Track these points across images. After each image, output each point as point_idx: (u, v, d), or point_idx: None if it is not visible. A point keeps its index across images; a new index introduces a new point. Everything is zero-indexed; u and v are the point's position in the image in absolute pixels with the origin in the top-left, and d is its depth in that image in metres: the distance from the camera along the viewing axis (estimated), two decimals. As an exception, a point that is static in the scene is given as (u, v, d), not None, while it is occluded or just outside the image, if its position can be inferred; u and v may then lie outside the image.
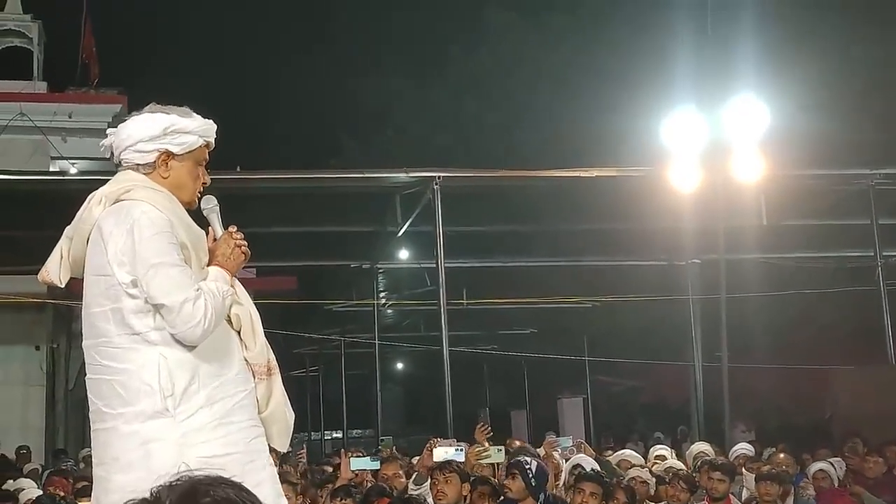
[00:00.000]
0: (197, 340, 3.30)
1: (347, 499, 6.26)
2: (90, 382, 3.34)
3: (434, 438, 7.97)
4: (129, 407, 3.21)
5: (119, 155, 3.50)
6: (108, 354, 3.27)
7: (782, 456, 8.84)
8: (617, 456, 9.55)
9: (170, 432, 3.19)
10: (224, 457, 3.23)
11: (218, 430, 3.27)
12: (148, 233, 3.26)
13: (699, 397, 13.71)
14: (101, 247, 3.31)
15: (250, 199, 10.74)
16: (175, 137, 3.48)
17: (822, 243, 13.39)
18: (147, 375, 3.22)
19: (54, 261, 3.46)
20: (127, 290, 3.25)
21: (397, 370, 29.82)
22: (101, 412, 3.27)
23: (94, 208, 3.38)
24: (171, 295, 3.23)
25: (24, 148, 15.92)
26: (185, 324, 3.24)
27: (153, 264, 3.24)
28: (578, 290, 15.79)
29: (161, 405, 3.19)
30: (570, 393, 22.45)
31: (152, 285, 3.23)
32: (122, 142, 3.49)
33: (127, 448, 3.18)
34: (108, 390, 3.26)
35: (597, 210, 11.65)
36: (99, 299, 3.31)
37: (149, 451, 3.15)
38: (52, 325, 15.81)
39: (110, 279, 3.27)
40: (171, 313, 3.23)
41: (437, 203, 9.94)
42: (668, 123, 10.44)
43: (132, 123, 3.51)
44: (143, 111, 3.54)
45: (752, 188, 10.50)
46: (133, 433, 3.18)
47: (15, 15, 18.50)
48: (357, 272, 14.56)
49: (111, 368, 3.26)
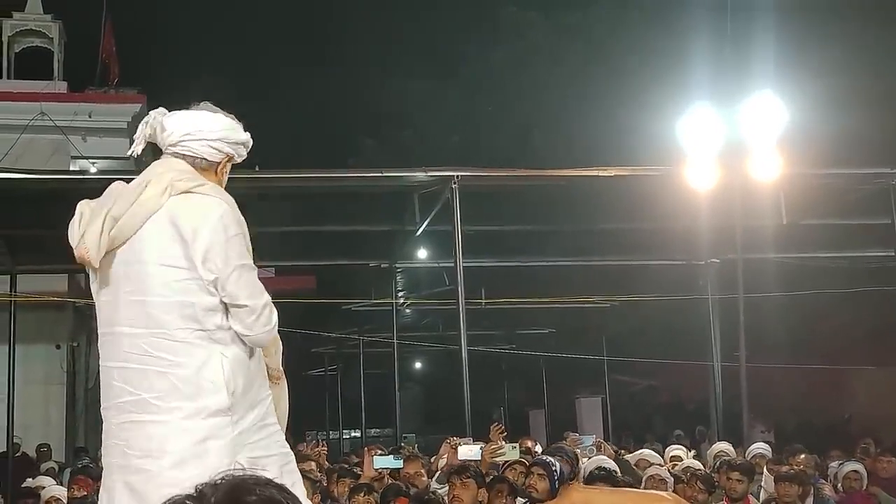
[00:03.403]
0: (264, 344, 3.40)
1: (368, 496, 6.28)
2: (127, 372, 3.24)
3: (451, 438, 7.98)
4: (188, 402, 3.17)
5: (176, 140, 3.41)
6: (164, 346, 3.20)
7: (802, 456, 8.81)
8: (635, 456, 9.55)
9: (227, 431, 3.20)
10: (267, 458, 3.29)
11: (261, 432, 3.32)
12: (232, 232, 3.28)
13: (717, 397, 13.66)
14: (174, 237, 3.23)
15: (269, 198, 10.77)
16: (237, 147, 3.53)
17: (841, 243, 13.30)
18: (209, 373, 3.21)
19: (94, 238, 3.24)
20: (208, 286, 3.23)
21: (416, 369, 29.84)
22: (146, 403, 3.19)
23: (159, 195, 3.27)
24: (255, 298, 3.29)
25: (44, 147, 16.02)
26: (263, 327, 3.32)
27: (237, 265, 3.27)
28: (597, 290, 15.74)
29: (225, 403, 3.20)
30: (588, 393, 22.40)
31: (238, 285, 3.26)
32: (185, 130, 3.42)
33: (184, 443, 3.15)
34: (162, 382, 3.19)
35: (615, 209, 11.62)
36: (161, 289, 3.23)
37: (207, 449, 3.15)
38: (73, 323, 15.91)
39: (184, 272, 3.22)
40: (252, 315, 3.28)
41: (456, 202, 9.93)
42: (685, 122, 10.40)
43: (199, 116, 3.47)
44: (200, 108, 3.50)
45: (771, 187, 10.44)
46: (192, 429, 3.16)
47: (35, 15, 18.61)
48: (376, 271, 14.56)
49: (166, 361, 3.20)
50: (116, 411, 3.25)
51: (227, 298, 3.26)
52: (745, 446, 10.00)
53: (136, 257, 3.26)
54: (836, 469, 8.54)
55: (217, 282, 3.24)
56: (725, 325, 13.32)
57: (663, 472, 8.18)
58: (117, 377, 3.25)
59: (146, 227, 3.26)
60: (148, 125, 3.46)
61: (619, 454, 10.35)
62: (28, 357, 13.89)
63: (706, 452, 10.70)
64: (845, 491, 8.13)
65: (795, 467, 8.03)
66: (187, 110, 3.50)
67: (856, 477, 8.16)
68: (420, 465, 7.95)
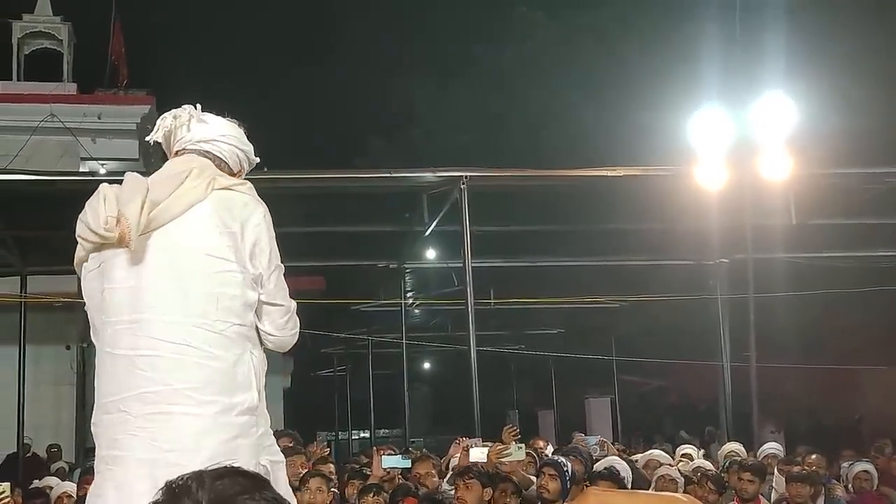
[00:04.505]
0: (287, 347, 3.44)
1: (377, 496, 6.28)
2: (158, 360, 3.07)
3: (460, 438, 7.98)
4: (223, 397, 3.08)
5: (210, 138, 3.40)
6: (204, 337, 3.10)
7: (814, 457, 8.79)
8: (645, 456, 9.54)
9: (253, 431, 3.16)
10: (279, 462, 3.29)
11: (271, 438, 3.30)
12: (272, 233, 3.31)
13: (727, 397, 13.63)
14: (220, 228, 3.16)
15: (277, 198, 10.73)
16: (250, 164, 3.56)
17: (851, 242, 13.27)
18: (244, 369, 3.16)
19: (134, 217, 3.07)
20: (252, 282, 3.21)
21: (424, 370, 29.85)
22: (178, 393, 3.05)
23: (204, 186, 3.21)
24: (288, 300, 3.36)
25: (54, 149, 16.07)
26: (292, 329, 3.39)
27: (277, 265, 3.32)
28: (606, 290, 15.72)
29: (255, 402, 3.16)
30: (597, 393, 22.40)
31: (278, 285, 3.31)
32: (221, 132, 3.42)
33: (218, 439, 3.05)
34: (199, 373, 3.07)
35: (624, 209, 11.60)
36: (205, 279, 3.14)
37: (237, 447, 3.06)
38: (83, 324, 15.90)
39: (229, 264, 3.16)
40: (285, 315, 3.34)
41: (465, 202, 9.93)
42: (695, 122, 10.39)
43: (230, 124, 3.48)
44: (214, 115, 3.46)
45: (781, 187, 10.42)
46: (228, 425, 3.07)
47: (45, 17, 18.66)
48: (384, 272, 14.57)
49: (204, 352, 3.09)
50: (139, 402, 3.05)
51: (266, 296, 3.26)
52: (756, 447, 9.98)
53: (176, 244, 3.15)
54: (847, 469, 8.52)
55: (260, 278, 3.24)
56: (735, 325, 13.29)
57: (673, 471, 8.17)
58: (143, 365, 3.07)
59: (189, 214, 3.16)
60: (176, 118, 3.41)
61: (625, 454, 10.36)
62: (38, 358, 13.92)
63: (716, 453, 10.69)
64: (856, 491, 8.11)
65: (807, 468, 8.01)
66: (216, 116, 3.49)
67: (866, 477, 8.14)
68: (430, 465, 7.95)
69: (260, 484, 1.58)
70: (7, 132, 16.17)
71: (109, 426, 3.12)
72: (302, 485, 6.31)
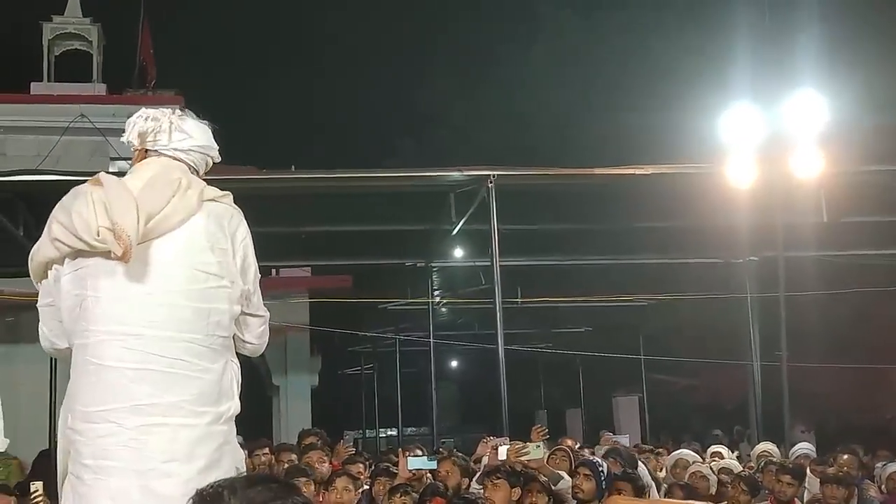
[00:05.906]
0: (258, 353, 3.55)
1: (404, 496, 6.28)
2: (150, 374, 3.10)
3: (488, 437, 7.96)
4: (213, 407, 3.19)
5: (187, 147, 3.45)
6: (196, 352, 3.17)
7: (846, 457, 8.70)
8: (674, 456, 9.48)
9: (232, 436, 3.28)
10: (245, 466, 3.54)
11: None
12: (252, 244, 3.38)
13: (757, 397, 13.52)
14: (210, 244, 3.22)
15: (306, 197, 10.81)
16: (212, 161, 3.60)
17: (883, 240, 13.15)
18: (227, 379, 3.27)
19: (132, 229, 3.07)
20: (241, 296, 3.31)
21: (452, 368, 29.87)
22: (176, 406, 3.10)
23: (195, 198, 3.25)
24: (265, 309, 3.47)
25: (84, 149, 16.16)
26: (266, 335, 3.50)
27: (258, 278, 3.42)
28: (634, 288, 15.66)
29: (237, 409, 3.28)
30: (625, 391, 22.30)
31: (258, 296, 3.40)
32: (198, 142, 3.49)
33: (211, 447, 3.16)
34: (193, 387, 3.15)
35: (653, 207, 11.54)
36: (196, 295, 3.18)
37: (223, 454, 3.19)
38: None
39: (217, 280, 3.21)
40: (263, 325, 3.44)
41: (492, 201, 9.92)
42: (725, 119, 10.32)
43: (202, 127, 3.55)
44: (185, 115, 3.56)
45: (812, 184, 10.34)
46: (217, 433, 3.19)
47: (75, 19, 18.77)
48: (412, 271, 14.59)
49: (197, 365, 3.16)
50: (132, 414, 3.07)
51: (251, 308, 3.37)
52: (787, 447, 9.90)
53: (168, 259, 3.16)
54: (880, 470, 8.43)
55: (248, 292, 3.34)
56: (764, 323, 13.19)
57: (705, 468, 8.13)
58: (135, 378, 3.09)
59: (182, 228, 3.19)
60: (156, 121, 3.49)
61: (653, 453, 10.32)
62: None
63: (745, 452, 10.61)
64: (889, 492, 8.02)
65: (841, 468, 7.92)
66: (193, 119, 3.56)
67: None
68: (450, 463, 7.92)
69: (290, 490, 1.59)
70: (38, 132, 16.29)
71: (96, 437, 3.12)
72: (328, 484, 6.32)
